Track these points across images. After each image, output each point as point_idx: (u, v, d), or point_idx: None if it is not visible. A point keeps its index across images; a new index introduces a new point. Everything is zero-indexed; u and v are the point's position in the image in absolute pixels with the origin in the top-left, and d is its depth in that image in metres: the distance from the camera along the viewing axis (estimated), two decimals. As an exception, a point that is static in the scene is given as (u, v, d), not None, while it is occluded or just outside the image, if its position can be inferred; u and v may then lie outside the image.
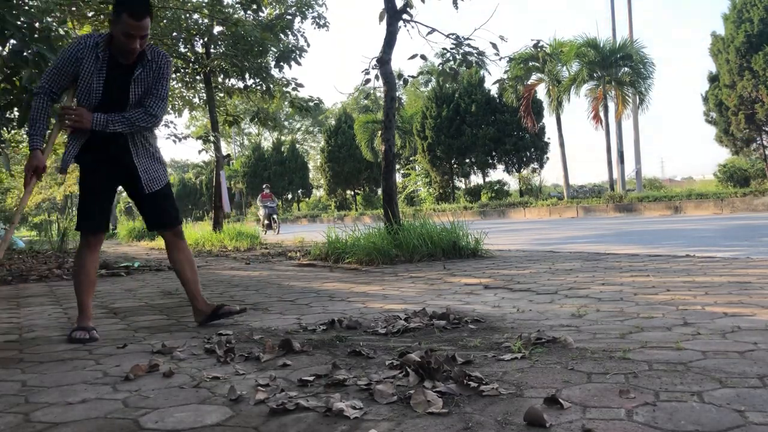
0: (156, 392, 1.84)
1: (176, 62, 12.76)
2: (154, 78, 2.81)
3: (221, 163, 12.88)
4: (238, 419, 1.57)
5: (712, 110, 21.06)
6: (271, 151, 43.74)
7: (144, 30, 2.67)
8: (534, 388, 1.67)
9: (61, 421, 1.62)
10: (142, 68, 2.78)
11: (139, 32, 2.65)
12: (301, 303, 3.64)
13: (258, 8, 10.56)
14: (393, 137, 6.65)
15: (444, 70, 7.28)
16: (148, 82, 2.81)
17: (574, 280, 3.95)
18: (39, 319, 3.50)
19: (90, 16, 10.44)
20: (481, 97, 26.79)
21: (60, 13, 6.88)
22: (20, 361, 2.39)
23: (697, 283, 3.47)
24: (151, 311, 3.65)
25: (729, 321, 2.41)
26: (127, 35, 2.65)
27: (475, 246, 6.12)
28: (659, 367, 1.79)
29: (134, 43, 2.68)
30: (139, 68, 2.77)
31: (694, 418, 1.39)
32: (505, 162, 27.47)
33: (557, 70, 22.63)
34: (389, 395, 1.65)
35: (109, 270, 6.91)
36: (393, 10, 6.60)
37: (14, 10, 3.54)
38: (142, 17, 2.64)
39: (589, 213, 18.16)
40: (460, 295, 3.59)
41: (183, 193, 54.76)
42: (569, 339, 2.16)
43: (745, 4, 19.41)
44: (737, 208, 14.75)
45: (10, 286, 5.88)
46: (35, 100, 2.72)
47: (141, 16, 2.63)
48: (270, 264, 6.96)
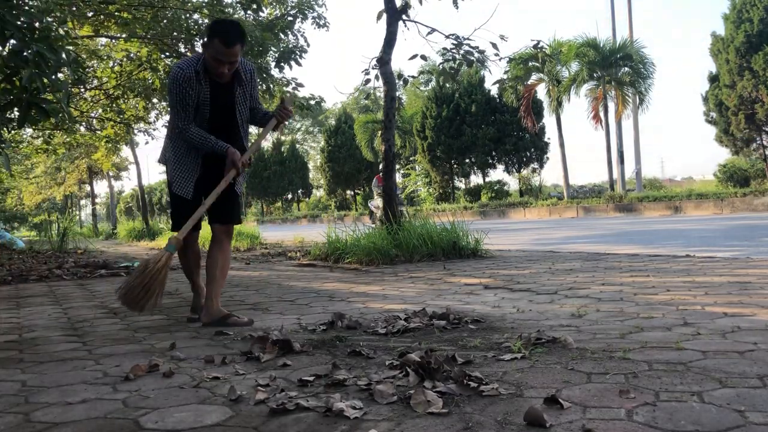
0: (156, 392, 1.84)
1: (176, 62, 12.76)
2: (253, 90, 3.02)
3: (221, 163, 12.86)
4: (238, 419, 1.57)
5: (712, 110, 21.07)
6: (271, 151, 43.73)
7: (234, 57, 2.79)
8: (534, 388, 1.67)
9: (61, 421, 1.62)
10: (240, 87, 2.96)
11: (229, 58, 2.78)
12: (301, 303, 3.64)
13: (258, 8, 10.54)
14: (393, 137, 6.65)
15: (444, 69, 7.28)
16: (248, 97, 3.01)
17: (574, 280, 3.95)
18: (39, 319, 3.50)
19: (90, 16, 10.44)
20: (481, 97, 26.80)
21: (60, 13, 6.88)
22: (20, 361, 2.39)
23: (697, 283, 3.47)
24: (151, 311, 3.65)
25: (729, 321, 2.41)
26: (216, 60, 2.79)
27: (475, 246, 6.12)
28: (659, 367, 1.79)
29: (223, 68, 2.81)
30: (238, 88, 2.96)
31: (694, 418, 1.39)
32: (505, 162, 27.48)
33: (557, 70, 22.62)
34: (389, 395, 1.65)
35: (109, 270, 6.91)
36: (393, 10, 6.60)
37: (14, 10, 3.54)
38: (233, 44, 2.75)
39: (589, 213, 18.17)
40: (460, 295, 3.59)
41: (183, 193, 54.74)
42: (569, 339, 2.16)
43: (745, 4, 19.42)
44: (737, 208, 14.75)
45: (10, 286, 5.88)
46: (190, 132, 2.88)
47: (232, 43, 2.75)
48: (270, 264, 6.96)
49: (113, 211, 33.12)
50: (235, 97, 2.96)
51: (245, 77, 2.97)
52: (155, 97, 13.10)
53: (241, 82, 2.96)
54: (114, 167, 26.44)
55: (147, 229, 18.61)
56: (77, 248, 12.66)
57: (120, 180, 43.16)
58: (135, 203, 58.60)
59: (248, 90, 3.00)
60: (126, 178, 75.60)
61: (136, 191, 43.26)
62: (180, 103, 2.86)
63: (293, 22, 10.96)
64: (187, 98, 2.85)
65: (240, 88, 2.96)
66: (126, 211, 61.13)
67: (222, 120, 2.96)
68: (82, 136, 15.20)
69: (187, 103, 2.86)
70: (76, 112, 12.79)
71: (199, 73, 2.85)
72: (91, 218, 34.85)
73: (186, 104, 2.86)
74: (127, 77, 12.62)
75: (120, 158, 26.98)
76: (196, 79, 2.84)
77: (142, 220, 20.13)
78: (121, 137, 14.40)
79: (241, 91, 2.96)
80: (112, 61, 12.96)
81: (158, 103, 13.60)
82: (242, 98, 2.98)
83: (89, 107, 13.70)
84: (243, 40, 2.81)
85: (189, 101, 2.86)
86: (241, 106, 2.99)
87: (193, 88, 2.84)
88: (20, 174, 25.95)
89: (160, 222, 31.16)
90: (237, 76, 2.94)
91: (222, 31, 2.76)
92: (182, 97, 2.85)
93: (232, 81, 2.94)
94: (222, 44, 2.74)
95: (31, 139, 14.87)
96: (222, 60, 2.78)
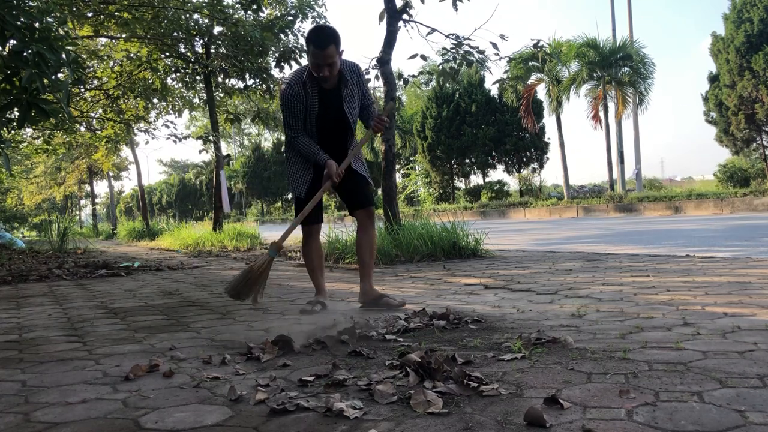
0: (156, 392, 1.84)
1: (176, 62, 12.76)
2: (359, 89, 3.17)
3: (221, 163, 12.88)
4: (238, 419, 1.57)
5: (712, 110, 21.06)
6: (271, 151, 43.73)
7: (329, 58, 2.95)
8: (534, 388, 1.67)
9: (61, 421, 1.62)
10: (346, 87, 3.12)
11: (325, 60, 2.95)
12: (301, 303, 3.64)
13: (258, 8, 10.55)
14: (393, 137, 6.65)
15: (444, 69, 7.28)
16: (357, 96, 3.18)
17: (574, 280, 3.95)
18: (39, 319, 3.50)
19: (90, 17, 10.44)
20: (481, 97, 26.79)
21: (60, 13, 6.88)
22: (20, 361, 2.39)
23: (697, 283, 3.47)
24: (151, 311, 3.65)
25: (729, 321, 2.40)
26: (315, 65, 2.97)
27: (475, 246, 6.12)
28: (659, 367, 1.79)
29: (323, 71, 2.98)
30: (344, 89, 3.12)
31: (694, 418, 1.39)
32: (505, 162, 27.47)
33: (557, 70, 22.62)
34: (389, 395, 1.65)
35: (109, 270, 6.91)
36: (393, 11, 6.60)
37: (14, 11, 3.53)
38: (326, 46, 2.93)
39: (589, 213, 18.17)
40: (460, 295, 3.59)
41: (183, 193, 54.79)
42: (569, 339, 2.16)
43: (745, 4, 19.41)
44: (737, 208, 14.75)
45: (10, 286, 5.88)
46: (298, 142, 3.11)
47: (325, 45, 2.93)
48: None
49: (113, 211, 33.11)
50: (342, 98, 3.14)
51: (350, 78, 3.14)
52: (155, 97, 13.10)
53: (346, 83, 3.13)
54: (114, 167, 26.44)
55: (147, 229, 18.62)
56: (77, 248, 12.67)
57: (120, 180, 43.15)
58: (135, 203, 58.62)
59: (355, 89, 3.16)
60: (126, 178, 75.57)
61: (136, 191, 43.26)
62: (289, 116, 3.10)
63: (293, 22, 10.96)
64: (295, 111, 3.08)
65: (346, 88, 3.13)
66: (126, 211, 61.13)
67: (332, 121, 3.17)
68: (82, 136, 15.20)
69: (296, 116, 3.09)
70: (76, 112, 12.79)
71: (306, 84, 3.06)
72: (91, 218, 34.86)
73: (295, 117, 3.09)
74: (127, 77, 12.63)
75: (120, 158, 26.98)
76: (303, 90, 3.06)
77: (142, 220, 20.15)
78: (121, 137, 14.40)
79: (347, 91, 3.14)
80: (112, 61, 12.96)
81: (158, 103, 13.61)
82: (350, 98, 3.15)
83: (89, 107, 13.70)
84: (336, 42, 2.97)
85: (297, 114, 3.08)
86: (349, 105, 3.16)
87: (301, 101, 3.07)
88: (20, 174, 25.96)
89: (160, 222, 31.17)
90: (342, 79, 3.11)
91: (313, 36, 2.96)
92: (291, 111, 3.09)
93: (338, 84, 3.12)
94: (316, 47, 2.92)
95: (31, 139, 14.88)
96: (319, 63, 2.95)
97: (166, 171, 70.70)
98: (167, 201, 57.46)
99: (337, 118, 3.17)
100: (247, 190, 43.38)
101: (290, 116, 3.10)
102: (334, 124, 3.18)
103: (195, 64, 12.44)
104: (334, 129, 3.20)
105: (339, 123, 3.19)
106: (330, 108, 3.13)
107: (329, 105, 3.13)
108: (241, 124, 18.58)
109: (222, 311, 3.48)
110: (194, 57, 12.39)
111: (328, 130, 3.18)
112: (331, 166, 3.06)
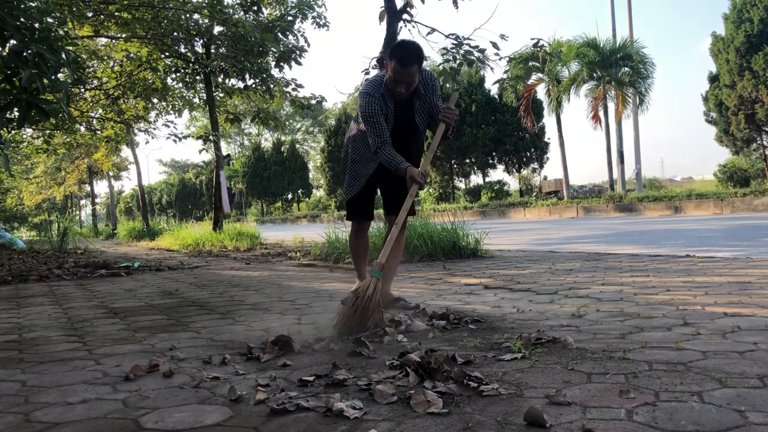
0: (156, 392, 1.84)
1: (176, 62, 12.75)
2: (430, 102, 3.14)
3: (221, 162, 12.88)
4: (238, 419, 1.57)
5: (712, 110, 21.08)
6: (271, 151, 43.74)
7: (410, 77, 2.93)
8: (534, 388, 1.67)
9: (61, 421, 1.62)
10: (419, 100, 3.11)
11: (405, 78, 2.93)
12: (301, 303, 3.64)
13: (258, 9, 10.55)
14: (393, 137, 6.64)
15: (444, 69, 7.28)
16: (427, 108, 3.15)
17: (574, 280, 3.95)
18: (39, 319, 3.50)
19: (90, 17, 10.44)
20: (481, 97, 26.81)
21: (60, 13, 6.88)
22: (20, 361, 2.39)
23: (697, 283, 3.47)
24: (151, 311, 3.65)
25: (729, 321, 2.40)
26: (394, 81, 2.95)
27: (475, 246, 6.12)
28: (659, 367, 1.79)
29: (401, 88, 2.96)
30: (416, 101, 3.11)
31: (694, 418, 1.39)
32: (505, 162, 27.50)
33: (557, 70, 22.62)
34: (389, 395, 1.65)
35: (109, 270, 6.91)
36: (393, 11, 6.60)
37: (14, 11, 3.54)
38: (410, 65, 2.90)
39: (589, 213, 18.17)
40: (460, 295, 3.59)
41: (183, 193, 54.79)
42: (569, 339, 2.16)
43: (745, 4, 19.42)
44: (737, 208, 14.75)
45: (10, 286, 5.88)
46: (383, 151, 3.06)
47: (408, 64, 2.89)
48: (270, 264, 6.96)
49: (113, 211, 33.12)
50: (414, 110, 3.14)
51: (424, 91, 3.11)
52: (155, 97, 13.11)
53: (420, 97, 3.11)
54: (114, 167, 26.45)
55: (147, 229, 18.63)
56: (77, 248, 12.66)
57: (120, 180, 43.19)
58: (135, 203, 58.65)
59: (426, 101, 3.15)
60: (126, 178, 75.68)
61: (136, 191, 43.29)
62: (376, 126, 3.06)
63: (293, 23, 10.96)
64: (381, 121, 3.05)
65: (419, 101, 3.12)
66: (126, 211, 61.16)
67: (402, 131, 3.17)
68: (82, 136, 15.21)
69: (382, 126, 3.05)
70: (76, 112, 12.79)
71: (384, 96, 3.05)
72: (91, 218, 34.87)
73: (381, 127, 3.05)
74: (127, 77, 12.63)
75: (120, 158, 26.99)
76: (383, 102, 3.06)
77: (142, 220, 20.15)
78: (121, 137, 14.40)
79: (420, 104, 3.13)
80: (112, 61, 12.96)
81: (158, 103, 13.61)
82: (421, 110, 3.15)
83: (89, 107, 13.70)
84: (420, 61, 2.96)
85: (382, 123, 3.06)
86: (420, 117, 3.16)
87: (383, 111, 3.06)
88: (20, 174, 25.96)
89: (160, 222, 31.17)
90: (416, 91, 3.10)
91: (399, 53, 2.92)
92: (376, 121, 3.05)
93: (411, 96, 3.11)
94: (399, 64, 2.89)
95: (31, 139, 14.88)
96: (399, 80, 2.93)
97: (166, 171, 70.77)
98: (167, 201, 57.49)
99: (408, 127, 3.20)
100: (247, 190, 43.38)
101: (377, 124, 3.07)
102: (404, 132, 3.21)
103: (195, 64, 12.44)
104: (403, 137, 3.21)
105: (408, 131, 3.23)
106: (403, 118, 3.15)
107: (402, 116, 3.15)
108: (241, 124, 18.56)
109: (222, 311, 3.48)
110: (194, 57, 12.39)
111: (397, 138, 3.17)
112: (413, 171, 3.02)
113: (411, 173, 3.02)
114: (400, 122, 3.15)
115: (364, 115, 3.09)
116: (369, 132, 3.12)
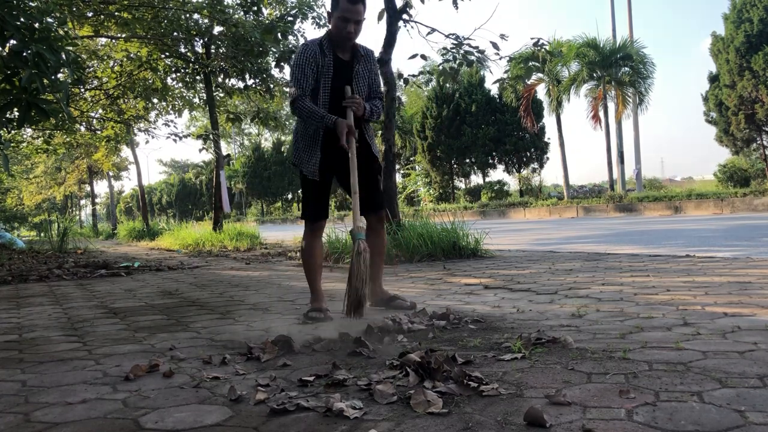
0: (156, 392, 1.84)
1: (176, 62, 12.76)
2: (368, 72, 3.13)
3: (221, 162, 12.88)
4: (238, 419, 1.57)
5: (712, 110, 21.06)
6: (271, 151, 43.72)
7: (358, 15, 2.96)
8: (534, 388, 1.67)
9: (61, 421, 1.62)
10: (359, 63, 3.09)
11: (354, 16, 2.95)
12: (301, 303, 3.64)
13: (258, 10, 10.55)
14: (393, 137, 6.65)
15: (444, 69, 7.28)
16: (366, 76, 3.14)
17: (574, 280, 3.95)
18: (39, 319, 3.50)
19: (90, 17, 10.44)
20: (481, 97, 26.80)
21: (60, 13, 6.88)
22: (20, 361, 2.39)
23: (697, 283, 3.47)
24: (151, 311, 3.65)
25: (729, 321, 2.40)
26: (343, 19, 2.95)
27: (475, 246, 6.12)
28: (659, 367, 1.79)
29: (350, 27, 2.96)
30: (357, 64, 3.09)
31: (694, 418, 1.39)
32: (505, 162, 27.48)
33: (557, 70, 22.61)
34: (389, 395, 1.65)
35: (109, 270, 6.91)
36: (393, 10, 6.60)
37: (14, 11, 3.54)
38: (357, 2, 2.94)
39: (589, 213, 18.17)
40: (460, 295, 3.59)
41: (183, 193, 54.78)
42: (569, 339, 2.16)
43: (745, 4, 19.41)
44: (737, 208, 14.75)
45: (10, 286, 5.88)
46: (301, 103, 2.96)
47: (356, 1, 2.93)
48: (270, 264, 6.96)
49: (113, 211, 33.10)
50: (353, 73, 3.09)
51: (364, 55, 3.11)
52: (155, 97, 13.11)
53: (359, 60, 3.10)
54: (114, 167, 26.45)
55: (147, 229, 18.62)
56: (77, 248, 12.66)
57: (120, 180, 43.15)
58: (135, 203, 58.61)
59: (365, 69, 3.13)
60: (126, 178, 75.57)
61: (136, 191, 43.26)
62: (300, 73, 2.99)
63: (293, 23, 10.96)
64: (307, 70, 2.98)
65: (358, 64, 3.10)
66: (126, 211, 61.14)
67: (340, 95, 3.06)
68: (82, 136, 15.20)
69: (307, 75, 2.98)
70: (76, 112, 12.80)
71: (322, 44, 3.02)
72: (91, 218, 34.86)
73: (305, 75, 2.98)
74: (127, 77, 12.63)
75: (120, 158, 26.98)
76: (320, 52, 3.00)
77: (142, 220, 20.15)
78: (121, 137, 14.40)
79: (359, 68, 3.10)
80: (112, 61, 12.96)
81: (158, 102, 13.61)
82: (359, 77, 3.11)
83: (89, 107, 13.70)
84: (365, 2, 2.98)
85: (308, 73, 2.99)
86: (358, 84, 3.10)
87: (316, 61, 2.99)
88: (20, 174, 25.95)
89: (160, 222, 31.16)
90: (356, 54, 3.09)
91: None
92: (302, 68, 2.98)
93: (351, 59, 3.09)
94: (347, 2, 2.92)
95: (31, 139, 14.87)
96: (348, 18, 2.94)
97: (166, 171, 70.71)
98: (167, 201, 57.48)
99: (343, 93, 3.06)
100: (247, 190, 43.37)
101: (301, 73, 2.97)
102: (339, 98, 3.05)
103: (195, 64, 12.44)
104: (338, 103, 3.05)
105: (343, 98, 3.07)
106: (341, 80, 3.04)
107: (341, 77, 3.04)
108: (241, 124, 18.56)
109: (222, 311, 3.48)
110: (194, 57, 12.40)
111: (335, 101, 3.03)
112: (341, 122, 2.90)
113: (340, 125, 2.89)
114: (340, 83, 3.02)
115: (293, 64, 3.05)
116: (293, 80, 3.02)
